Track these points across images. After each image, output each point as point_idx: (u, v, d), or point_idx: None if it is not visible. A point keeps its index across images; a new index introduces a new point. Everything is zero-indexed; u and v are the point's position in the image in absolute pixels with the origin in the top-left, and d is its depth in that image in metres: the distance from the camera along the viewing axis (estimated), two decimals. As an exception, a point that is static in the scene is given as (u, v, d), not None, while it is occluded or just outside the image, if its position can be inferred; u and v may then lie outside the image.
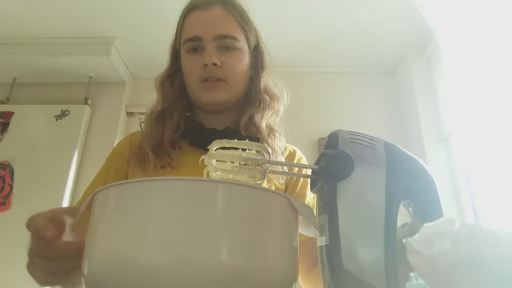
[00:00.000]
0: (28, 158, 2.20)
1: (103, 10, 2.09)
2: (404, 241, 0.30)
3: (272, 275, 0.30)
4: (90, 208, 0.33)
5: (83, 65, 2.36)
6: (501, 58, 1.62)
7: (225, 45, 0.71)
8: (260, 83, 0.76)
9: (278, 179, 0.70)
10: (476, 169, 1.91)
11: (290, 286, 0.32)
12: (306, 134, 2.23)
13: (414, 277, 0.34)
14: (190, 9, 0.74)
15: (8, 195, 2.11)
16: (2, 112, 2.31)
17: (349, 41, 2.29)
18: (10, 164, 2.18)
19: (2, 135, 2.25)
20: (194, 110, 0.80)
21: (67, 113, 2.32)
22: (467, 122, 1.87)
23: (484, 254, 0.26)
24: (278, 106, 0.78)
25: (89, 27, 2.23)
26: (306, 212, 0.34)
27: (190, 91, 0.76)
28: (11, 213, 2.07)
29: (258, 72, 0.77)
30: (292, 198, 0.33)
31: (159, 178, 0.29)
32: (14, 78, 2.47)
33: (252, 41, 0.76)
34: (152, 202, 0.28)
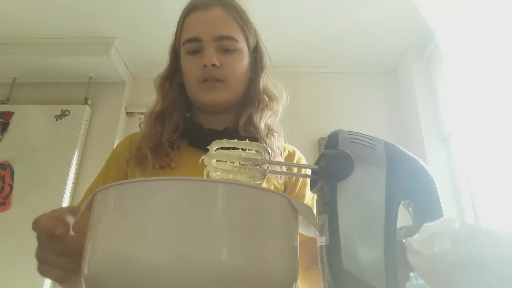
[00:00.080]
0: (28, 158, 2.20)
1: (103, 10, 2.09)
2: (404, 241, 0.30)
3: (272, 275, 0.30)
4: (90, 208, 0.33)
5: (83, 65, 2.36)
6: (501, 58, 1.62)
7: (224, 46, 0.70)
8: (259, 84, 0.76)
9: (277, 179, 0.70)
10: (476, 169, 1.91)
11: (290, 286, 0.32)
12: (306, 134, 2.24)
13: (414, 277, 0.34)
14: (190, 9, 0.74)
15: (8, 195, 2.11)
16: (2, 112, 2.31)
17: (349, 41, 2.29)
18: (10, 164, 2.18)
19: (2, 135, 2.25)
20: (193, 110, 0.80)
21: (67, 113, 2.32)
22: (467, 122, 1.87)
23: (484, 254, 0.26)
24: (277, 106, 0.78)
25: (89, 27, 2.23)
26: (306, 212, 0.34)
27: (189, 92, 0.76)
28: (11, 213, 2.07)
29: (257, 72, 0.77)
30: (292, 198, 0.33)
31: (159, 178, 0.29)
32: (14, 78, 2.47)
33: (251, 41, 0.76)
34: (152, 202, 0.28)
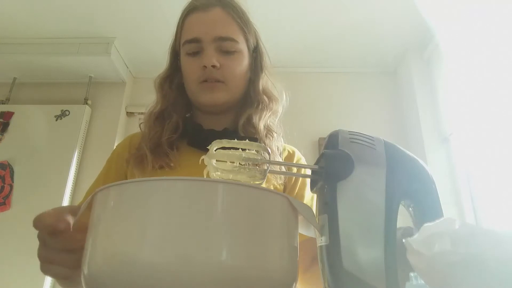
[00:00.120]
0: (28, 158, 2.20)
1: (103, 10, 2.09)
2: (404, 241, 0.30)
3: (272, 275, 0.30)
4: (90, 208, 0.33)
5: (83, 65, 2.36)
6: (501, 58, 1.62)
7: (224, 47, 0.70)
8: (259, 85, 0.76)
9: (276, 180, 0.70)
10: (476, 169, 1.91)
11: (290, 286, 0.32)
12: (306, 134, 2.24)
13: (414, 277, 0.34)
14: (190, 10, 0.74)
15: (8, 195, 2.11)
16: (2, 112, 2.31)
17: (349, 41, 2.29)
18: (10, 164, 2.18)
19: (2, 135, 2.25)
20: (193, 110, 0.80)
21: (67, 113, 2.32)
22: (467, 122, 1.87)
23: (484, 254, 0.26)
24: (276, 107, 0.78)
25: (89, 27, 2.23)
26: (306, 212, 0.34)
27: (189, 92, 0.76)
28: (11, 213, 2.07)
29: (257, 73, 0.77)
30: (292, 198, 0.33)
31: (159, 178, 0.29)
32: (14, 78, 2.47)
33: (251, 42, 0.76)
34: (152, 202, 0.28)
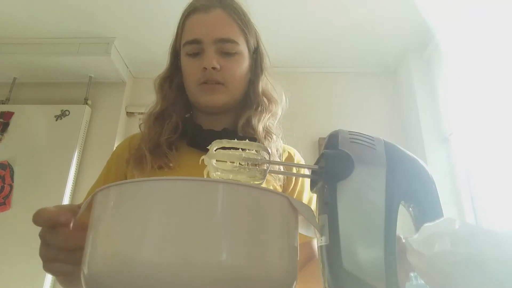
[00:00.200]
0: (28, 158, 2.20)
1: (103, 10, 2.09)
2: (404, 241, 0.30)
3: (272, 275, 0.30)
4: (90, 208, 0.33)
5: (83, 65, 2.36)
6: (501, 58, 1.62)
7: (225, 48, 0.70)
8: (258, 86, 0.76)
9: (275, 181, 0.70)
10: (476, 169, 1.91)
11: (290, 286, 0.32)
12: (306, 134, 2.24)
13: (414, 277, 0.34)
14: (191, 11, 0.73)
15: (8, 195, 2.11)
16: (2, 112, 2.31)
17: (349, 41, 2.29)
18: (10, 164, 2.18)
19: (2, 135, 2.25)
20: (192, 111, 0.80)
21: (67, 113, 2.32)
22: (467, 122, 1.87)
23: (484, 254, 0.26)
24: (276, 109, 0.78)
25: (89, 27, 2.23)
26: (306, 212, 0.34)
27: (189, 93, 0.76)
28: (11, 213, 2.07)
29: (257, 75, 0.77)
30: (292, 198, 0.33)
31: (159, 178, 0.29)
32: (14, 78, 2.47)
33: (252, 44, 0.76)
34: (152, 202, 0.28)
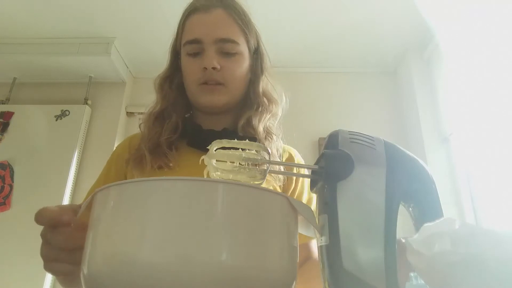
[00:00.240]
0: (28, 158, 2.20)
1: (103, 10, 2.09)
2: (404, 241, 0.30)
3: (272, 275, 0.30)
4: (89, 208, 0.33)
5: (83, 65, 2.36)
6: (501, 58, 1.62)
7: (225, 49, 0.70)
8: (259, 86, 0.76)
9: (275, 181, 0.70)
10: (476, 169, 1.91)
11: (289, 285, 0.32)
12: (306, 134, 2.24)
13: (414, 277, 0.34)
14: (191, 11, 0.73)
15: (8, 195, 2.11)
16: (2, 112, 2.31)
17: (349, 41, 2.29)
18: (10, 164, 2.18)
19: (2, 135, 2.25)
20: (192, 111, 0.80)
21: (67, 113, 2.32)
22: (467, 122, 1.87)
23: (484, 254, 0.26)
24: (276, 109, 0.78)
25: (89, 27, 2.23)
26: (306, 212, 0.34)
27: (188, 93, 0.76)
28: (11, 213, 2.07)
29: (257, 75, 0.77)
30: (291, 198, 0.33)
31: (159, 178, 0.29)
32: (14, 78, 2.47)
33: (252, 44, 0.76)
34: (151, 202, 0.28)
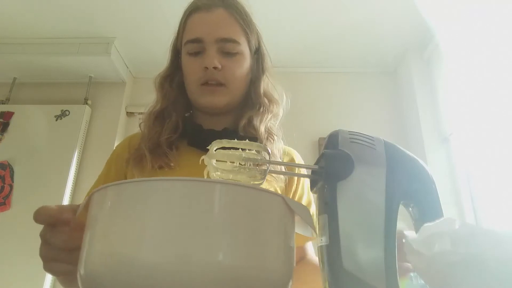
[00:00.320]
0: (28, 158, 2.20)
1: (103, 10, 2.09)
2: (404, 241, 0.30)
3: (270, 275, 0.30)
4: (87, 208, 0.33)
5: (83, 65, 2.36)
6: (501, 58, 1.62)
7: (226, 48, 0.70)
8: (260, 87, 0.76)
9: (277, 182, 0.70)
10: (476, 169, 1.91)
11: (286, 284, 0.32)
12: (306, 134, 2.24)
13: (414, 277, 0.34)
14: (193, 10, 0.73)
15: (8, 195, 2.11)
16: (2, 112, 2.31)
17: (349, 41, 2.29)
18: (10, 164, 2.18)
19: (2, 135, 2.25)
20: (192, 110, 0.80)
21: (67, 113, 2.32)
22: (467, 122, 1.87)
23: (484, 254, 0.26)
24: (277, 110, 0.77)
25: (89, 27, 2.23)
26: (302, 211, 0.34)
27: (189, 93, 0.75)
28: (11, 213, 2.07)
29: (258, 75, 0.77)
30: (287, 198, 0.32)
31: (157, 178, 0.29)
32: (14, 78, 2.47)
33: (253, 44, 0.76)
34: (150, 202, 0.28)
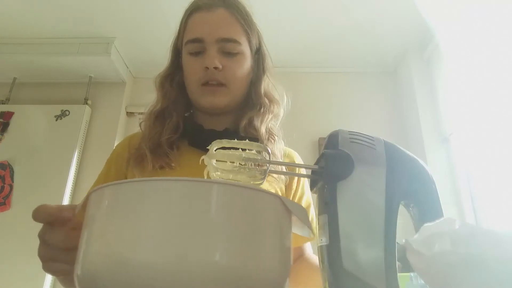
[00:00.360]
0: (28, 158, 2.20)
1: (103, 10, 2.09)
2: (404, 241, 0.30)
3: (267, 275, 0.30)
4: (85, 208, 0.33)
5: (83, 65, 2.36)
6: (501, 58, 1.62)
7: (227, 48, 0.70)
8: (260, 87, 0.76)
9: (278, 183, 0.70)
10: (476, 169, 1.91)
11: (283, 284, 0.32)
12: (306, 134, 2.24)
13: (414, 277, 0.34)
14: (194, 10, 0.73)
15: (8, 195, 2.11)
16: (2, 112, 2.31)
17: (349, 41, 2.29)
18: (10, 164, 2.18)
19: (2, 135, 2.25)
20: (193, 110, 0.79)
21: (67, 113, 2.32)
22: (467, 122, 1.87)
23: (484, 254, 0.26)
24: (278, 110, 0.77)
25: (89, 27, 2.23)
26: (299, 211, 0.33)
27: (189, 93, 0.75)
28: (11, 213, 2.07)
29: (259, 75, 0.77)
30: (284, 198, 0.32)
31: (155, 178, 0.29)
32: (14, 78, 2.47)
33: (254, 44, 0.76)
34: (148, 202, 0.28)
